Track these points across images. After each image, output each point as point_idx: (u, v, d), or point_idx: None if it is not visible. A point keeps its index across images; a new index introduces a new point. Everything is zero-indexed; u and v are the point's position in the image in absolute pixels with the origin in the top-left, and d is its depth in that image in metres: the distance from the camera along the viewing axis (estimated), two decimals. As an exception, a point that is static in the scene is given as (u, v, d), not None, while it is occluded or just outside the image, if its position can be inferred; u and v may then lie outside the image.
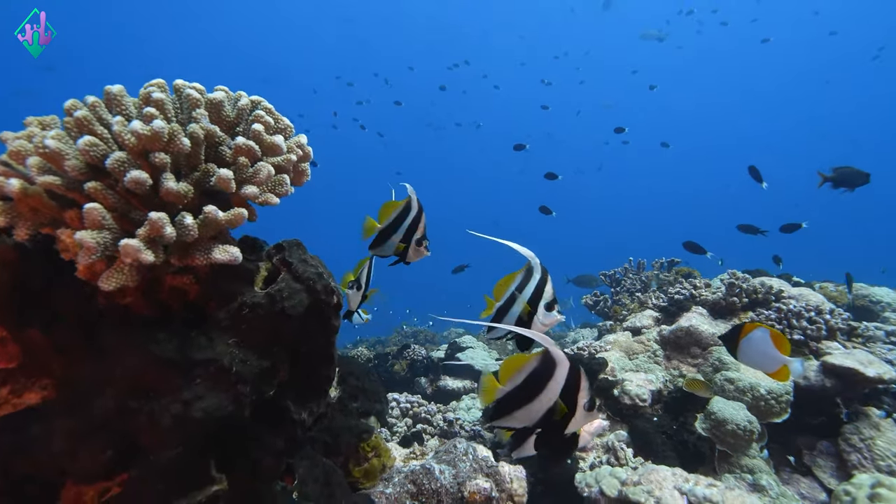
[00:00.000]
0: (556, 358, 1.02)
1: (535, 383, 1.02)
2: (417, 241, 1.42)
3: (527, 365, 1.03)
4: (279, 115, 1.09)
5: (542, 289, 1.21)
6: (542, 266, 1.24)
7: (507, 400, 1.03)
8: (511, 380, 1.04)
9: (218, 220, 0.88)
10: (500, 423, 1.06)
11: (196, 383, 0.94)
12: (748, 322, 1.43)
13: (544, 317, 1.20)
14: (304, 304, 1.05)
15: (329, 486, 1.14)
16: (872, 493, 1.49)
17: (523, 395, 1.02)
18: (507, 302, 1.22)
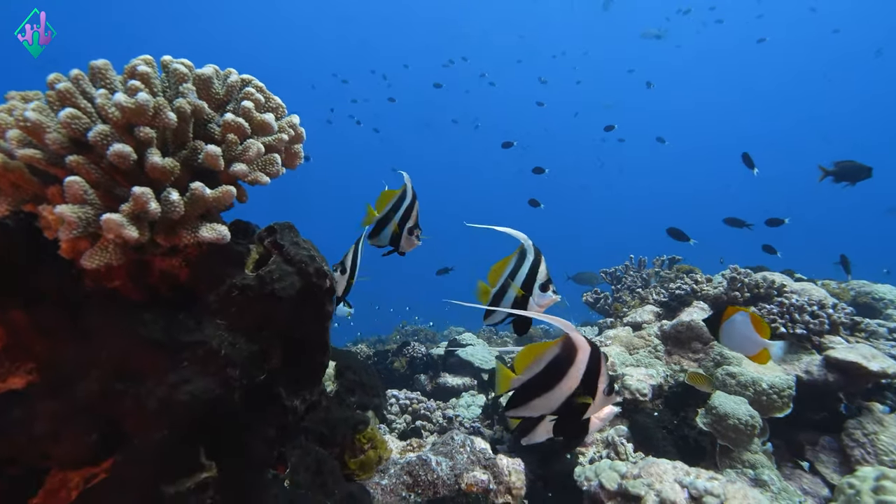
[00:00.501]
0: (577, 343, 1.00)
1: (556, 370, 1.00)
2: (409, 230, 1.39)
3: (548, 352, 1.01)
4: (270, 94, 1.06)
5: (536, 270, 1.18)
6: (535, 247, 1.21)
7: (525, 389, 1.01)
8: (529, 368, 1.02)
9: (205, 196, 0.85)
10: (518, 412, 1.04)
11: (183, 366, 0.91)
12: (730, 306, 1.43)
13: (540, 297, 1.17)
14: (295, 287, 1.02)
15: (321, 474, 1.11)
16: (877, 485, 1.46)
17: (543, 382, 1.00)
18: (502, 287, 1.20)
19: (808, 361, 2.63)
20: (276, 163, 0.99)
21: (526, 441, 1.14)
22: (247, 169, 0.92)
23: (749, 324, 1.42)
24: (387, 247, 1.57)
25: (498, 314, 1.22)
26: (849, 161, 3.82)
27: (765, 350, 1.43)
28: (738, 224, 4.37)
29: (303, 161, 2.05)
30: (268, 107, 1.05)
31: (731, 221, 4.45)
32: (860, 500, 1.45)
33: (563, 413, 1.02)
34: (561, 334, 1.01)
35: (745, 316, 1.43)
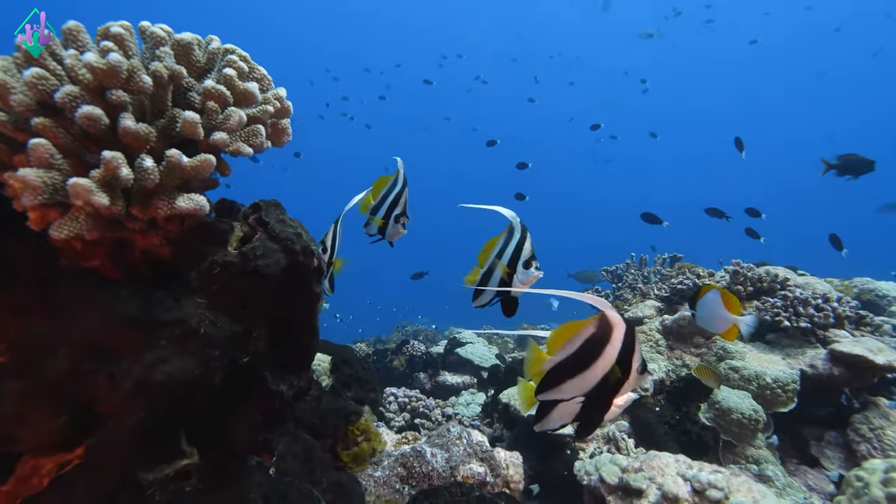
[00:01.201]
0: (612, 321, 0.95)
1: (592, 349, 0.96)
2: (395, 218, 1.35)
3: (583, 331, 0.96)
4: (255, 65, 1.02)
5: (521, 248, 1.15)
6: (522, 225, 1.18)
7: (557, 370, 0.96)
8: (563, 349, 0.97)
9: (182, 164, 0.81)
10: (549, 395, 0.99)
11: (161, 345, 0.87)
12: (705, 285, 1.40)
13: (523, 275, 1.13)
14: (280, 265, 0.98)
15: (309, 462, 1.07)
16: (886, 477, 1.41)
17: (578, 362, 0.96)
18: (490, 267, 1.17)
19: (813, 355, 2.58)
20: (259, 134, 0.94)
21: (539, 427, 1.08)
22: (227, 138, 0.88)
23: (719, 301, 1.39)
24: (375, 235, 1.53)
25: (486, 295, 1.18)
26: (851, 154, 3.77)
27: (734, 326, 1.40)
28: (717, 214, 4.45)
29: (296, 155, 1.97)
30: (252, 77, 1.01)
31: (711, 212, 4.52)
32: (869, 492, 1.40)
33: (596, 394, 0.98)
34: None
35: (716, 293, 1.39)
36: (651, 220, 4.64)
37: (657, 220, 4.61)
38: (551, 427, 1.06)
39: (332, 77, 16.95)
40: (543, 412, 1.05)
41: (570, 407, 1.03)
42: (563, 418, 1.05)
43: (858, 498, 1.44)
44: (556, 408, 1.04)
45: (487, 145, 7.33)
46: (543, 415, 1.05)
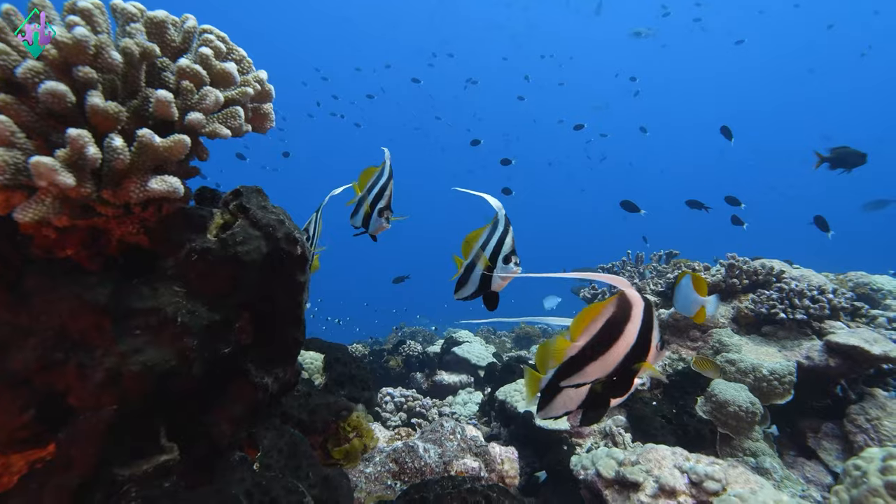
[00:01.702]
0: (631, 298, 0.95)
1: (613, 329, 0.95)
2: (379, 211, 1.31)
3: (604, 311, 0.96)
4: (234, 45, 0.98)
5: (503, 243, 1.13)
6: (506, 217, 1.17)
7: (581, 354, 0.96)
8: (586, 331, 0.97)
9: (154, 144, 0.77)
10: (571, 381, 0.98)
11: (135, 334, 0.83)
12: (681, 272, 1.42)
13: (502, 270, 1.11)
14: (261, 252, 0.94)
15: (295, 457, 1.03)
16: (884, 465, 1.39)
17: (601, 344, 0.95)
18: (473, 259, 1.14)
19: (809, 347, 2.57)
20: (238, 116, 0.91)
21: (543, 415, 1.07)
22: (203, 119, 0.84)
23: (690, 285, 1.42)
24: (360, 228, 1.50)
25: (468, 287, 1.16)
26: (844, 147, 3.79)
27: (702, 308, 1.43)
28: (697, 206, 4.61)
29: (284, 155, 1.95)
30: (231, 58, 0.97)
31: (691, 203, 4.66)
32: (867, 480, 1.38)
33: (618, 374, 0.96)
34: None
35: (687, 279, 1.42)
36: (630, 208, 4.76)
37: (635, 208, 4.73)
38: (555, 415, 1.05)
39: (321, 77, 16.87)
40: (547, 400, 1.04)
41: (575, 394, 1.02)
42: (567, 406, 1.04)
43: (857, 487, 1.42)
44: (560, 395, 1.03)
45: (472, 144, 7.45)
46: (546, 403, 1.04)
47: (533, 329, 7.75)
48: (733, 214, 4.56)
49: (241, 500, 0.86)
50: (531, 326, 7.86)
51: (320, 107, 13.67)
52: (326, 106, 14.44)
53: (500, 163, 6.68)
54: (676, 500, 1.53)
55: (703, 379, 2.55)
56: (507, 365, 4.10)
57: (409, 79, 12.17)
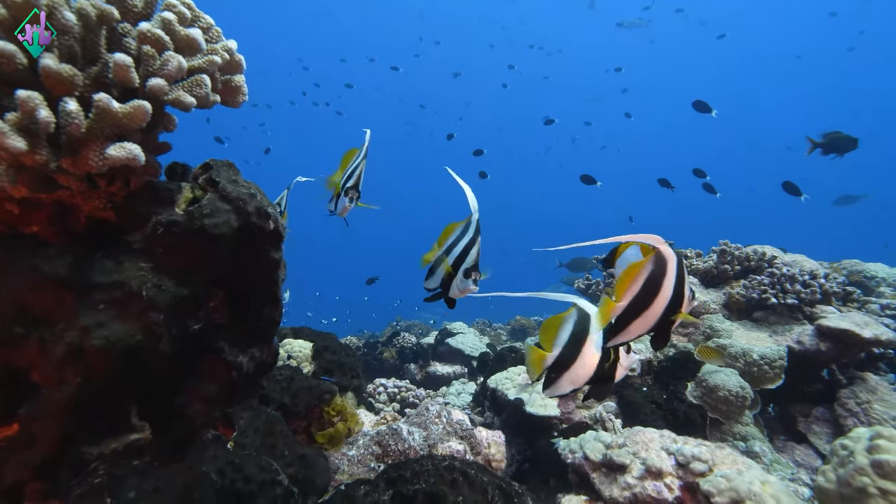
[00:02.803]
0: (666, 255, 1.00)
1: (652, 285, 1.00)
2: (346, 191, 1.29)
3: (643, 269, 1.01)
4: (200, 13, 0.95)
5: (468, 252, 1.10)
6: (478, 224, 1.15)
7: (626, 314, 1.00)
8: (629, 291, 1.01)
9: (112, 109, 0.74)
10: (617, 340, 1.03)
11: (98, 308, 0.81)
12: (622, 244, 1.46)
13: (461, 283, 1.10)
14: (231, 226, 0.92)
15: (271, 436, 1.01)
16: (871, 444, 1.38)
17: (642, 301, 1.00)
18: (439, 259, 1.13)
19: (800, 331, 2.56)
20: (203, 84, 0.88)
21: (550, 393, 1.10)
22: (165, 85, 0.81)
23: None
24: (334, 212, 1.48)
25: (434, 279, 1.14)
26: (836, 132, 3.78)
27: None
28: (665, 185, 4.91)
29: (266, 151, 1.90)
30: (198, 25, 0.94)
31: (662, 182, 4.96)
32: (854, 459, 1.37)
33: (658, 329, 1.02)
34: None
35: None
36: (587, 181, 5.26)
37: (592, 180, 5.21)
38: (562, 392, 1.08)
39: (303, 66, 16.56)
40: (553, 378, 1.06)
41: (583, 371, 1.05)
42: (574, 383, 1.07)
43: (844, 466, 1.42)
44: (567, 373, 1.05)
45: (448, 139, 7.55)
46: (553, 381, 1.06)
47: (528, 321, 7.74)
48: (705, 183, 4.71)
49: (211, 476, 0.85)
50: (526, 319, 7.86)
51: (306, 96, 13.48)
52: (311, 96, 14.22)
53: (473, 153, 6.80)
54: (663, 481, 1.52)
55: (694, 364, 2.54)
56: (499, 355, 4.09)
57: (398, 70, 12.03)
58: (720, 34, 14.12)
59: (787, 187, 4.04)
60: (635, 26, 14.95)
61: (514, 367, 3.15)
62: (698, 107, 4.60)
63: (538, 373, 1.08)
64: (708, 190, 4.64)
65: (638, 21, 14.73)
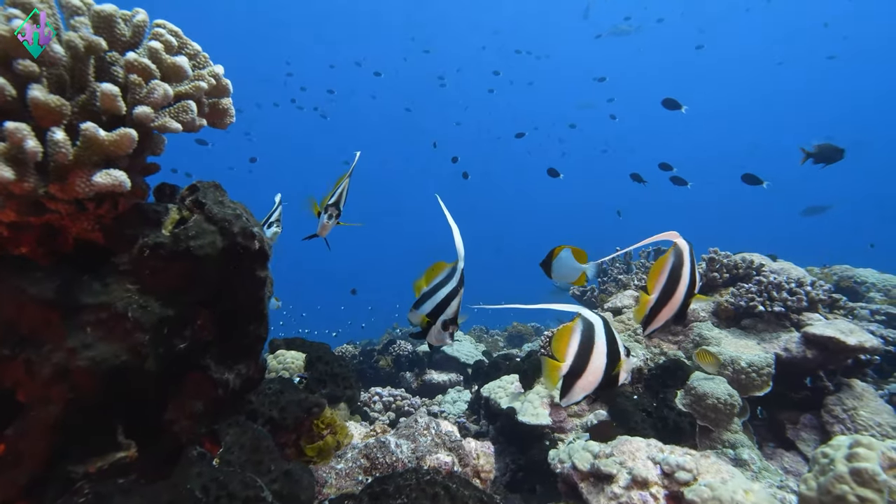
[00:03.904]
0: (682, 246, 1.15)
1: (675, 275, 1.17)
2: (325, 208, 1.30)
3: (667, 263, 1.17)
4: (188, 40, 0.98)
5: (449, 303, 1.13)
6: (462, 274, 1.16)
7: (657, 304, 1.17)
8: (657, 283, 1.18)
9: (99, 138, 0.77)
10: (651, 329, 1.21)
11: (85, 330, 0.83)
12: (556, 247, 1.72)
13: (438, 334, 1.12)
14: (216, 247, 0.94)
15: (257, 452, 1.03)
16: (850, 452, 1.40)
17: (668, 291, 1.18)
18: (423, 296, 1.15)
19: (787, 339, 2.59)
20: (189, 110, 0.91)
21: (566, 402, 1.17)
22: (151, 112, 0.84)
23: (571, 255, 1.68)
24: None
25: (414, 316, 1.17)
26: (826, 144, 3.90)
27: (583, 274, 1.69)
28: (638, 179, 5.05)
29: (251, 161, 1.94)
30: (184, 52, 0.97)
31: (633, 177, 5.11)
32: (834, 467, 1.40)
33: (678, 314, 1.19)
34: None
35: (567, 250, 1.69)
36: (553, 174, 5.54)
37: (556, 173, 5.49)
38: (576, 399, 1.16)
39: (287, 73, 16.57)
40: (567, 387, 1.14)
41: (592, 378, 1.14)
42: (586, 389, 1.16)
43: (824, 474, 1.44)
44: (579, 381, 1.13)
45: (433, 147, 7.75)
46: (567, 390, 1.14)
47: (525, 328, 7.75)
48: (673, 176, 4.84)
49: (195, 494, 0.86)
50: (523, 325, 7.86)
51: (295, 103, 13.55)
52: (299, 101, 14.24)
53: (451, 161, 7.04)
54: (649, 491, 1.54)
55: (683, 372, 2.57)
56: (494, 363, 4.11)
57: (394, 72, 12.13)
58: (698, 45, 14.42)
59: (746, 178, 4.16)
60: (624, 33, 15.17)
61: (508, 376, 3.17)
62: (668, 104, 4.71)
63: (555, 383, 1.14)
64: (677, 182, 4.74)
65: (626, 28, 14.96)
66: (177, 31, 0.97)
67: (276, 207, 1.59)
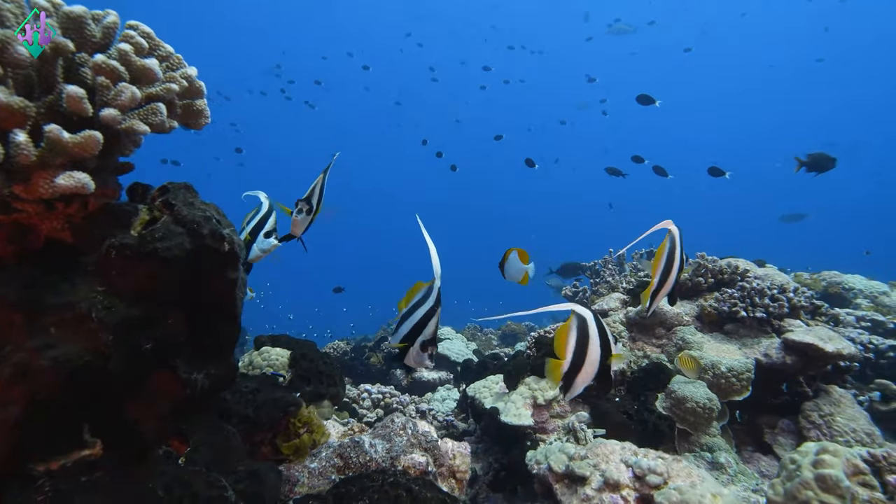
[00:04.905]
0: (673, 232, 1.42)
1: (671, 259, 1.46)
2: (296, 203, 1.30)
3: (664, 250, 1.48)
4: (160, 42, 0.99)
5: (426, 323, 1.13)
6: (439, 294, 1.16)
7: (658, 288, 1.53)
8: (658, 269, 1.50)
9: (62, 140, 0.78)
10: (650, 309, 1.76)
11: (48, 330, 0.83)
12: (508, 249, 1.91)
13: (416, 356, 1.12)
14: (184, 249, 0.95)
15: (224, 452, 1.04)
16: (816, 459, 1.43)
17: (666, 274, 1.50)
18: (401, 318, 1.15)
19: (768, 345, 2.62)
20: (158, 112, 0.91)
21: (568, 396, 1.26)
22: (118, 115, 0.84)
23: (517, 257, 1.89)
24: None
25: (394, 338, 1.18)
26: (819, 153, 3.98)
27: (526, 273, 1.90)
28: (615, 173, 5.23)
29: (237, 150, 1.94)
30: (156, 54, 0.98)
31: (610, 170, 5.29)
32: (800, 473, 1.42)
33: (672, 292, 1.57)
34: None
35: (515, 253, 1.89)
36: (529, 164, 5.94)
37: (532, 163, 5.86)
38: (577, 392, 1.24)
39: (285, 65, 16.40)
40: (569, 382, 1.21)
41: (589, 370, 1.22)
42: (584, 381, 1.23)
43: (791, 480, 1.47)
44: (579, 374, 1.21)
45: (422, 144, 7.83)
46: (569, 385, 1.22)
47: (519, 326, 7.77)
48: (655, 166, 4.98)
49: (157, 493, 0.87)
50: (517, 324, 7.89)
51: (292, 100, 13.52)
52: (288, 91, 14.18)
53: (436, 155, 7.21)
54: (619, 494, 1.56)
55: (665, 375, 2.59)
56: (482, 362, 4.13)
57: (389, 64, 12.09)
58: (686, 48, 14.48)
59: (711, 171, 4.26)
60: (624, 32, 15.16)
61: (493, 376, 3.19)
62: (641, 100, 4.79)
63: (558, 381, 1.21)
64: (659, 173, 4.82)
65: (626, 27, 14.95)
66: (149, 32, 0.97)
67: (269, 213, 1.57)
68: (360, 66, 14.42)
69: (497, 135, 7.95)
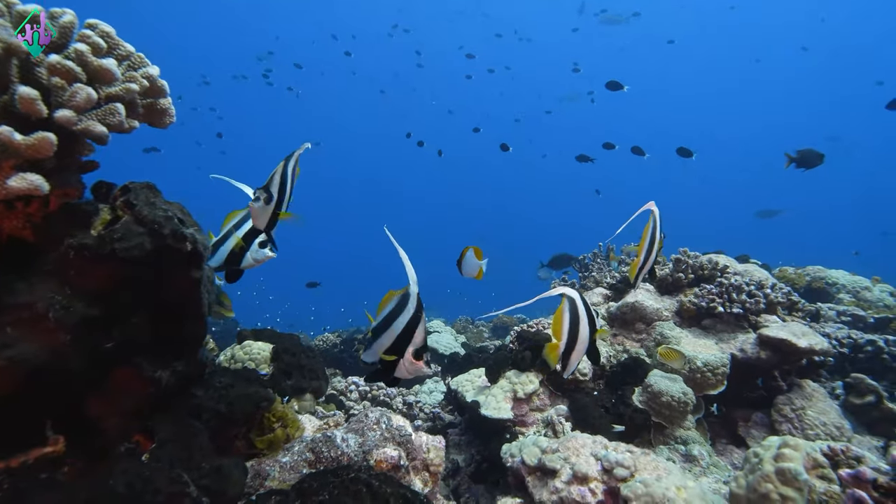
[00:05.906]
0: (654, 210, 1.68)
1: (653, 234, 1.72)
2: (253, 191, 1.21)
3: (648, 228, 1.71)
4: (120, 41, 0.98)
5: (413, 331, 1.08)
6: (419, 299, 1.10)
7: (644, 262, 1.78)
8: (643, 250, 1.76)
9: (14, 142, 0.78)
10: (640, 278, 1.83)
11: (5, 330, 0.84)
12: (465, 247, 2.07)
13: (410, 366, 1.08)
14: (144, 249, 0.96)
15: (188, 448, 1.06)
16: (778, 453, 1.47)
17: (650, 246, 1.74)
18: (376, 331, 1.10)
19: (744, 340, 2.67)
20: (116, 113, 0.91)
21: (566, 372, 1.38)
22: (73, 116, 0.84)
23: (473, 253, 2.06)
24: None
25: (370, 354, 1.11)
26: (808, 149, 4.03)
27: (480, 269, 2.06)
28: (585, 159, 5.43)
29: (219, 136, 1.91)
30: (116, 54, 0.97)
31: (580, 158, 5.49)
32: (762, 466, 1.47)
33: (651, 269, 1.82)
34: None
35: (471, 251, 2.07)
36: (504, 148, 6.16)
37: (506, 147, 6.10)
38: (574, 368, 1.38)
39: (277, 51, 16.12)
40: (566, 361, 1.34)
41: (581, 346, 1.35)
42: (578, 357, 1.36)
43: (753, 473, 1.51)
44: (574, 352, 1.34)
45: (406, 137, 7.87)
46: (566, 363, 1.35)
47: (511, 319, 7.82)
48: (633, 146, 5.08)
49: (117, 489, 0.89)
50: (509, 317, 7.93)
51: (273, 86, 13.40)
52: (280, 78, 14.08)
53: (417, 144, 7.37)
54: (588, 486, 1.60)
55: (643, 370, 2.64)
56: (467, 356, 4.17)
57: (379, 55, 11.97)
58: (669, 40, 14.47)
59: (680, 151, 4.35)
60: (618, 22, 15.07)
61: (477, 370, 3.22)
62: (610, 86, 4.87)
63: (556, 362, 1.35)
64: (636, 153, 4.90)
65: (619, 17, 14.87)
66: (108, 31, 0.96)
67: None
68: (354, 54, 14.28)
69: (475, 127, 7.99)
